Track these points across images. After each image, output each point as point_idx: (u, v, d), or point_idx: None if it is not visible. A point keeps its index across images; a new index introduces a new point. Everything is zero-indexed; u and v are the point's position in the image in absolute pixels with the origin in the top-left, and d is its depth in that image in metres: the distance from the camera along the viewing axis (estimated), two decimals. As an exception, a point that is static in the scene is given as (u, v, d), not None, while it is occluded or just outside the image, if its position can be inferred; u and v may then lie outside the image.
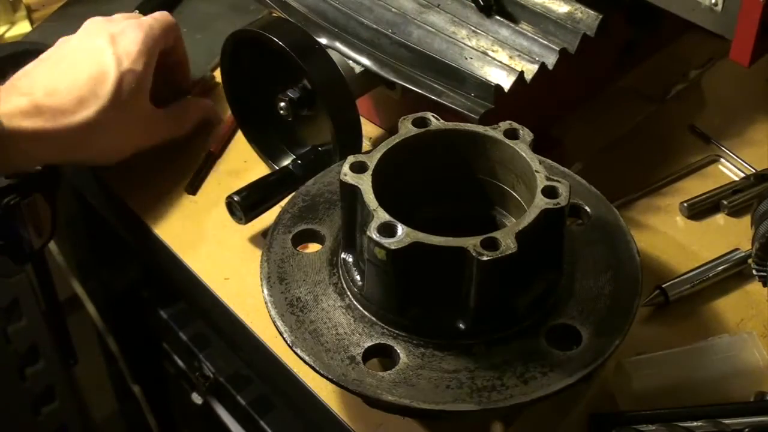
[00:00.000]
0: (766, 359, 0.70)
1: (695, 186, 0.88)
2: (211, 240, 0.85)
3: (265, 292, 0.68)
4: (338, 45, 0.87)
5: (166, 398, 1.33)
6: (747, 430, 0.64)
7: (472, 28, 0.85)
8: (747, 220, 0.80)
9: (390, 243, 0.61)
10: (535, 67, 0.82)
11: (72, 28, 0.89)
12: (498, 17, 0.85)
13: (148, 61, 0.86)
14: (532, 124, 0.70)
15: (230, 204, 0.82)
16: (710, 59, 1.00)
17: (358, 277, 0.67)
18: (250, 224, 0.83)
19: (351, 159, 0.65)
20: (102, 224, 1.00)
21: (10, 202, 1.04)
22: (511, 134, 0.69)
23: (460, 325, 0.64)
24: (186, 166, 0.92)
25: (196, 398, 1.18)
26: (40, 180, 1.06)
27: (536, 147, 0.68)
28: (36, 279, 1.22)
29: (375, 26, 0.86)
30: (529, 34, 0.84)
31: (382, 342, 0.65)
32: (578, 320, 0.65)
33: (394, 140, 0.68)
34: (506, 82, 0.81)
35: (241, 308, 0.79)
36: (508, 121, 0.70)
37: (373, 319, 0.66)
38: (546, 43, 0.83)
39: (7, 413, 1.32)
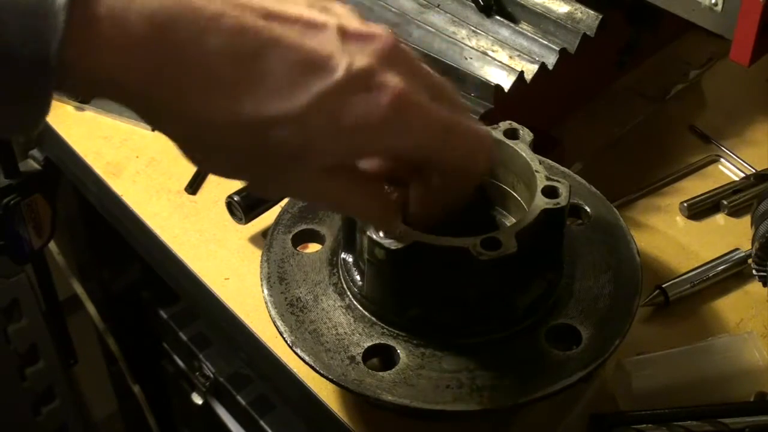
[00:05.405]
0: (766, 359, 0.70)
1: (695, 186, 0.88)
2: (211, 240, 0.85)
3: (265, 292, 0.68)
4: (338, 45, 0.87)
5: (166, 398, 1.33)
6: (747, 430, 0.64)
7: (472, 28, 0.85)
8: (747, 220, 0.80)
9: (390, 243, 0.61)
10: (535, 67, 0.82)
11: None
12: (498, 17, 0.85)
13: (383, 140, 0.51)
14: (532, 124, 0.70)
15: (230, 204, 0.82)
16: (710, 59, 1.00)
17: (358, 277, 0.67)
18: (250, 224, 0.83)
19: (351, 159, 0.65)
20: (102, 224, 1.00)
21: (10, 202, 1.04)
22: (511, 134, 0.69)
23: (460, 325, 0.64)
24: (186, 166, 0.92)
25: (196, 398, 1.18)
26: (40, 180, 1.07)
27: (536, 147, 0.68)
28: (36, 279, 1.22)
29: (375, 26, 0.86)
30: (529, 34, 0.84)
31: (382, 342, 0.65)
32: (578, 320, 0.65)
33: (394, 140, 0.68)
34: (506, 82, 0.81)
35: (241, 308, 0.79)
36: (508, 121, 0.70)
37: (373, 319, 0.66)
38: (546, 43, 0.83)
39: (7, 413, 1.32)
